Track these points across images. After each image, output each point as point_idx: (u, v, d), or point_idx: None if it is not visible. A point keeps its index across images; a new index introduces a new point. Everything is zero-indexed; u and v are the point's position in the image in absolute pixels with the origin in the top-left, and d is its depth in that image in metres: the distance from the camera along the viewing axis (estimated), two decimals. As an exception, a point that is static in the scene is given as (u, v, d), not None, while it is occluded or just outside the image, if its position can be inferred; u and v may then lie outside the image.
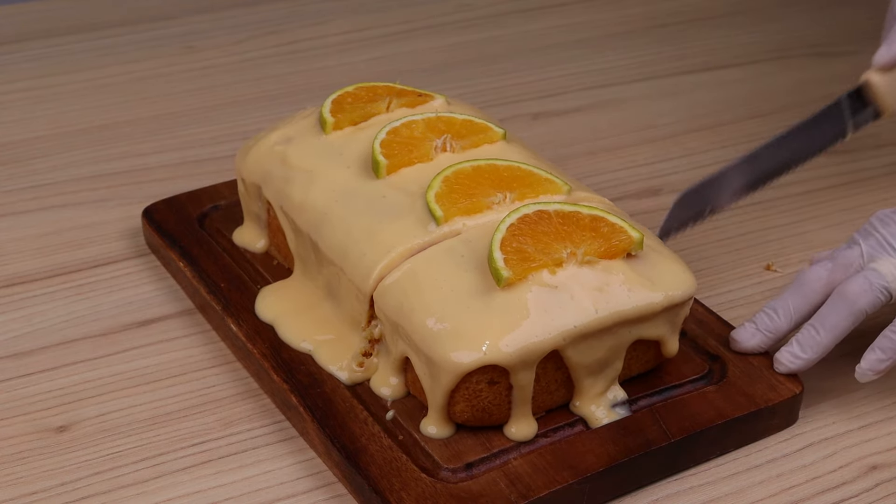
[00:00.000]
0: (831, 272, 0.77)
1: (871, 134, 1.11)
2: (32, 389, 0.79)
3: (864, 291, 0.74)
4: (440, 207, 0.75)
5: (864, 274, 0.75)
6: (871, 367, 0.74)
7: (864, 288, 0.75)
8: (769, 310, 0.77)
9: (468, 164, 0.78)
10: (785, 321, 0.77)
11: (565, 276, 0.71)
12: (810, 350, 0.75)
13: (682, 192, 0.86)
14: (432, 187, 0.76)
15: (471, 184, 0.77)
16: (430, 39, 1.31)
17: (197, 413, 0.77)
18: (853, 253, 0.77)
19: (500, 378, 0.70)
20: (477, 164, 0.78)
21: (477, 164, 0.78)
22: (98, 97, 1.17)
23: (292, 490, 0.72)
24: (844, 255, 0.77)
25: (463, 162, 0.78)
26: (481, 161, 0.79)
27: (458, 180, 0.77)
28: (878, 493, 0.72)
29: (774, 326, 0.77)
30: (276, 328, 0.80)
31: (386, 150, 0.80)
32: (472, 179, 0.77)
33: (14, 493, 0.71)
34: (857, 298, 0.74)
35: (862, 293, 0.74)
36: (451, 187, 0.76)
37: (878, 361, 0.74)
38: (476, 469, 0.70)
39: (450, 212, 0.75)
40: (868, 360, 0.74)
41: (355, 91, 0.87)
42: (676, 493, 0.72)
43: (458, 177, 0.77)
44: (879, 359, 0.74)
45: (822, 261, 0.78)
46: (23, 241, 0.95)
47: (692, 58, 1.26)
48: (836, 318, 0.75)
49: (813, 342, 0.75)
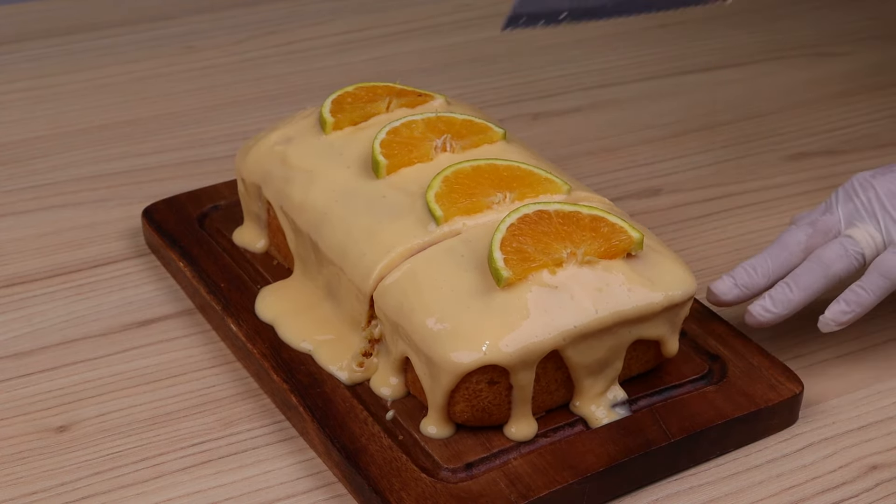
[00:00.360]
0: (810, 237, 0.80)
1: (871, 134, 1.11)
2: (32, 389, 0.79)
3: (840, 257, 0.78)
4: (440, 207, 0.75)
5: (840, 240, 0.78)
6: (834, 317, 0.77)
7: (839, 254, 0.78)
8: (748, 266, 0.80)
9: (468, 163, 0.78)
10: (763, 279, 0.79)
11: (565, 276, 0.71)
12: (781, 306, 0.78)
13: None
14: (432, 187, 0.76)
15: (471, 184, 0.77)
16: (430, 39, 1.31)
17: (197, 413, 0.77)
18: (832, 219, 0.80)
19: (500, 378, 0.70)
20: (477, 164, 0.78)
21: (477, 163, 0.78)
22: (98, 97, 1.17)
23: (292, 490, 0.72)
24: (823, 220, 0.80)
25: (463, 162, 0.78)
26: (481, 161, 0.78)
27: (458, 180, 0.77)
28: (878, 493, 0.72)
29: (752, 283, 0.79)
30: (276, 328, 0.80)
31: (386, 150, 0.80)
32: (472, 179, 0.77)
33: (14, 493, 0.71)
34: (832, 263, 0.78)
35: (837, 258, 0.78)
36: (451, 187, 0.76)
37: (842, 313, 0.77)
38: (476, 469, 0.70)
39: (450, 211, 0.75)
40: (832, 310, 0.77)
41: (355, 91, 0.87)
42: (676, 493, 0.72)
43: (458, 177, 0.77)
44: (843, 310, 0.77)
45: (802, 224, 0.81)
46: (23, 241, 0.95)
47: (692, 58, 1.26)
48: (810, 279, 0.78)
49: (785, 299, 0.78)
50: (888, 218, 0.78)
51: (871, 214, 0.79)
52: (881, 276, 0.77)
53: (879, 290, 0.77)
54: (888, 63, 1.26)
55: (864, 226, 0.79)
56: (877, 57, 1.27)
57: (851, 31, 1.34)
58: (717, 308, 0.81)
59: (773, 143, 1.10)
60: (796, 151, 1.08)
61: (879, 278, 0.77)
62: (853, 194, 0.80)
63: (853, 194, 0.80)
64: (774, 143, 1.10)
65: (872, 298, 0.77)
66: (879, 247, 0.78)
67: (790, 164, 1.06)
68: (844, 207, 0.80)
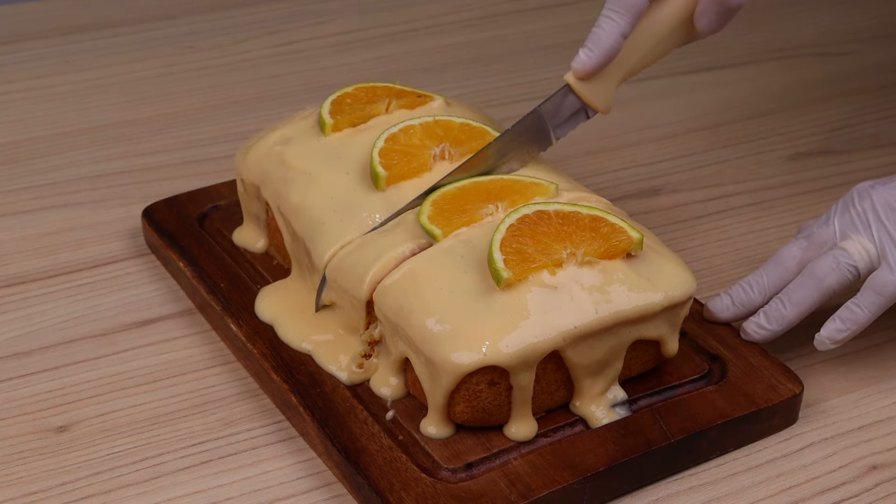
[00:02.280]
0: (805, 251, 0.80)
1: (871, 134, 1.11)
2: (32, 389, 0.79)
3: (832, 270, 0.77)
4: (437, 227, 0.75)
5: (833, 253, 0.78)
6: (830, 336, 0.77)
7: (831, 267, 0.77)
8: (745, 284, 0.80)
9: (453, 185, 0.78)
10: (759, 296, 0.80)
11: (565, 277, 0.71)
12: (775, 322, 0.78)
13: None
14: (423, 212, 0.76)
15: (460, 202, 0.77)
16: (430, 39, 1.31)
17: (197, 413, 0.77)
18: (827, 231, 0.79)
19: (500, 379, 0.70)
20: (461, 185, 0.78)
21: (461, 184, 0.78)
22: (98, 97, 1.17)
23: (292, 490, 0.72)
24: (819, 233, 0.80)
25: (446, 184, 0.78)
26: (465, 181, 0.78)
27: (446, 201, 0.77)
28: (878, 493, 0.72)
29: (748, 300, 0.80)
30: (276, 328, 0.80)
31: (385, 159, 0.80)
32: (460, 198, 0.77)
33: (14, 493, 0.71)
34: (824, 276, 0.77)
35: (829, 272, 0.77)
36: (442, 208, 0.76)
37: (838, 331, 0.77)
38: (476, 469, 0.70)
39: (447, 229, 0.75)
40: (828, 329, 0.77)
41: (354, 92, 0.87)
42: (676, 493, 0.72)
43: (445, 198, 0.77)
44: (839, 328, 0.77)
45: (799, 237, 0.81)
46: (23, 241, 0.95)
47: (692, 58, 1.26)
48: (803, 295, 0.77)
49: (779, 315, 0.78)
50: (882, 230, 0.77)
51: (865, 226, 0.78)
52: (875, 293, 0.76)
53: (874, 308, 0.76)
54: (888, 63, 1.26)
55: (858, 238, 0.78)
56: (877, 57, 1.27)
57: (852, 31, 1.34)
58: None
59: (773, 143, 1.10)
60: (796, 151, 1.08)
61: (874, 295, 0.76)
62: (850, 205, 0.79)
63: (850, 205, 0.79)
64: (774, 143, 1.10)
65: (867, 316, 0.76)
66: (873, 258, 0.77)
67: (790, 164, 1.06)
68: (841, 219, 0.79)
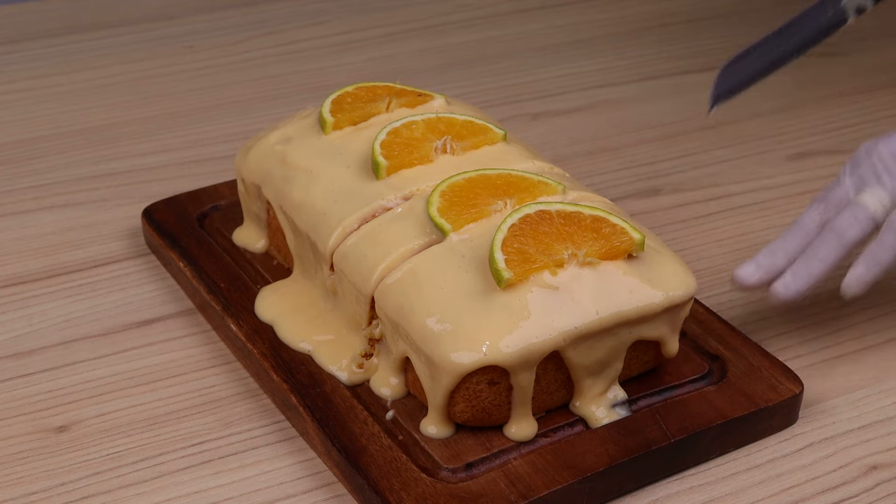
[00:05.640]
0: (823, 213, 0.80)
1: (871, 134, 1.11)
2: (32, 389, 0.79)
3: (851, 224, 0.78)
4: (447, 221, 0.75)
5: (850, 208, 0.79)
6: (857, 278, 0.78)
7: (850, 221, 0.78)
8: (768, 250, 0.80)
9: (460, 176, 0.78)
10: (783, 260, 0.80)
11: (566, 277, 0.71)
12: (801, 280, 0.78)
13: (726, 62, 0.90)
14: (432, 203, 0.76)
15: (469, 194, 0.76)
16: (430, 39, 1.31)
17: (197, 413, 0.77)
18: (841, 190, 0.80)
19: (501, 378, 0.70)
20: (469, 176, 0.78)
21: (468, 175, 0.78)
22: (98, 97, 1.17)
23: (292, 490, 0.72)
24: (833, 194, 0.81)
25: (454, 175, 0.78)
26: (472, 172, 0.78)
27: (455, 192, 0.76)
28: (878, 493, 0.72)
29: (774, 264, 0.80)
30: (276, 328, 0.80)
31: (386, 150, 0.80)
32: (469, 190, 0.77)
33: (14, 493, 0.71)
34: (845, 231, 0.78)
35: (849, 226, 0.78)
36: (451, 200, 0.76)
37: (863, 274, 0.77)
38: (476, 469, 0.70)
39: (457, 223, 0.75)
40: (853, 274, 0.78)
41: (355, 91, 0.87)
42: (676, 493, 0.72)
43: (454, 189, 0.77)
44: (863, 272, 0.77)
45: (814, 203, 0.81)
46: (23, 241, 0.95)
47: (692, 58, 1.26)
48: (826, 251, 0.78)
49: (805, 272, 0.78)
50: (894, 177, 0.78)
51: (877, 177, 0.79)
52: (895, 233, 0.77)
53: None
54: (888, 63, 1.26)
55: (871, 190, 0.79)
56: (877, 57, 1.27)
57: (851, 31, 1.33)
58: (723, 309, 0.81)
59: (773, 143, 1.10)
60: (796, 151, 1.08)
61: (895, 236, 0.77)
62: (859, 162, 0.80)
63: (859, 162, 0.80)
64: (774, 143, 1.10)
65: (891, 255, 0.77)
66: (889, 208, 0.78)
67: (790, 164, 1.06)
68: (852, 177, 0.80)
